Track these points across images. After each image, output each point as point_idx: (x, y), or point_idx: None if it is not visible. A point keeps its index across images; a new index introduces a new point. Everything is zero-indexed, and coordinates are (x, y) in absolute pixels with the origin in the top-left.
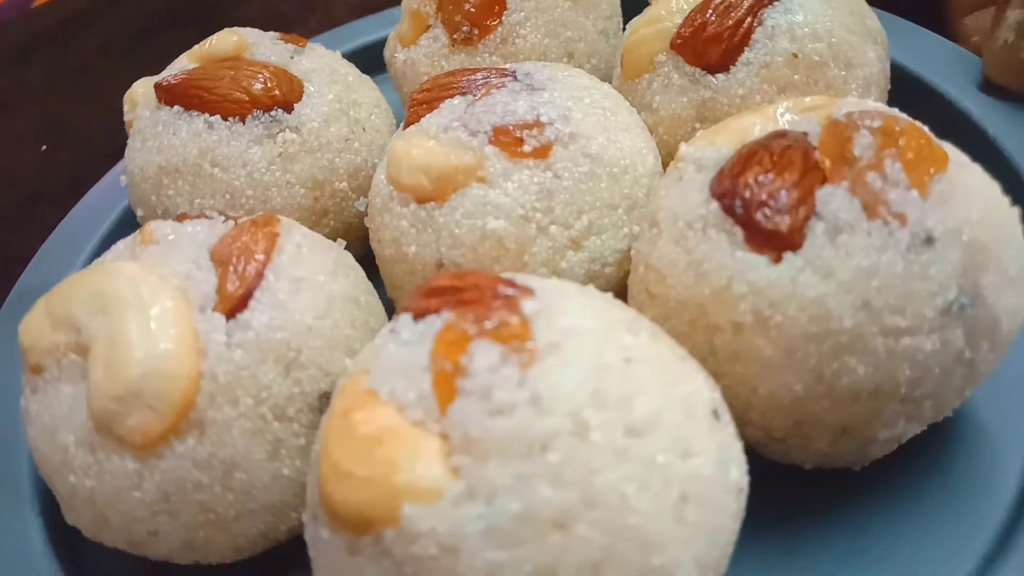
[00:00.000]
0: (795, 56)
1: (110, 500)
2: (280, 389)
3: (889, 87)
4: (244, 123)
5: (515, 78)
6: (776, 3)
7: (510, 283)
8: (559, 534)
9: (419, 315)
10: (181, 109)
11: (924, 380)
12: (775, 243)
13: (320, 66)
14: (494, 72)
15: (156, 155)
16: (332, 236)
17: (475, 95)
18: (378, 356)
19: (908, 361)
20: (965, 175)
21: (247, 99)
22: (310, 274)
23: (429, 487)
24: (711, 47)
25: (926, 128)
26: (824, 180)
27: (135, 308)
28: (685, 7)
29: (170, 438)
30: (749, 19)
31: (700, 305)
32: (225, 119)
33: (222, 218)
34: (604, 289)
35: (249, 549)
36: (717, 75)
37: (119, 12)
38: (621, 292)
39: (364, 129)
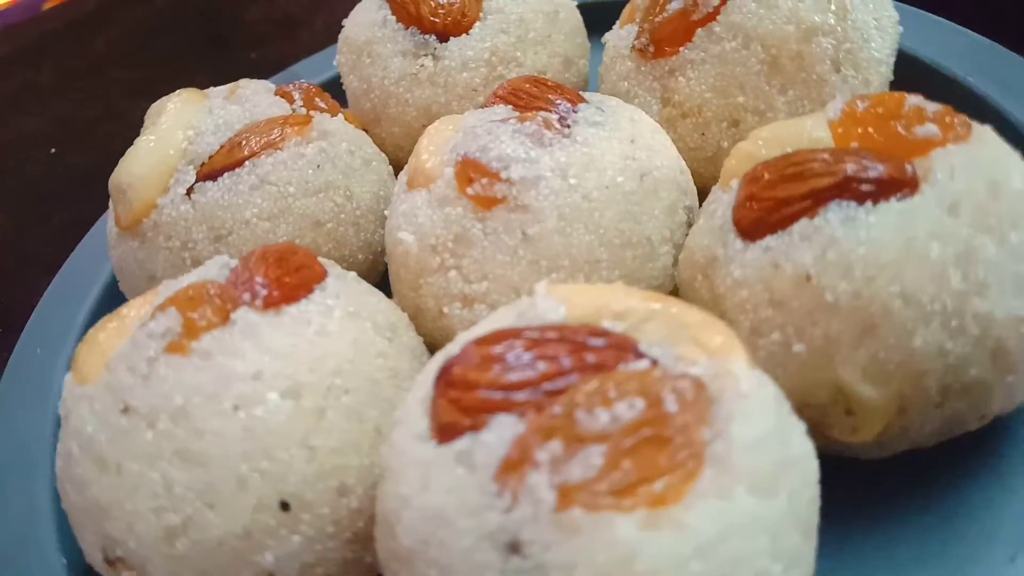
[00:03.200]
0: (807, 279)
1: (110, 245)
2: (203, 248)
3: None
4: (404, 32)
5: (562, 116)
6: (855, 203)
7: (285, 286)
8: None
9: (240, 262)
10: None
11: None
12: (438, 429)
13: (512, 10)
14: (565, 96)
15: (349, 28)
16: None
17: (517, 113)
18: (192, 273)
19: None
20: (640, 536)
21: (413, 14)
22: (281, 183)
23: (88, 372)
24: (746, 207)
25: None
26: (524, 411)
27: (155, 134)
28: (805, 142)
29: (127, 233)
30: (806, 203)
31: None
32: (397, 23)
33: (299, 103)
34: None
35: None
36: (737, 240)
37: (128, 14)
38: None
39: None
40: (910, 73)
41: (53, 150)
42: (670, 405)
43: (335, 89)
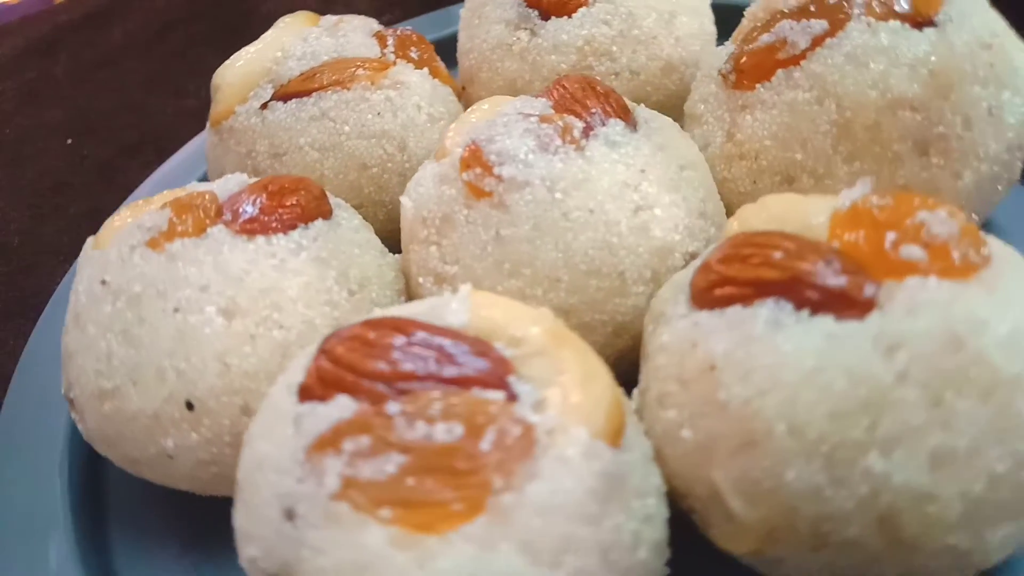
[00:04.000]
0: (712, 368)
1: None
2: (262, 160)
3: None
4: (513, 1)
5: (588, 126)
6: (792, 307)
7: (268, 216)
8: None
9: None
10: None
11: None
12: (300, 388)
13: (625, 3)
14: (605, 105)
15: None
16: None
17: (552, 109)
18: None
19: None
20: (384, 550)
21: None
22: (339, 120)
23: (103, 240)
24: (701, 272)
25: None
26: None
27: (255, 48)
28: (799, 224)
29: (212, 128)
30: (748, 290)
31: None
32: None
33: (391, 49)
34: None
35: None
36: (683, 304)
37: (143, 6)
38: None
39: None
40: None
41: (69, 141)
42: (485, 443)
43: None
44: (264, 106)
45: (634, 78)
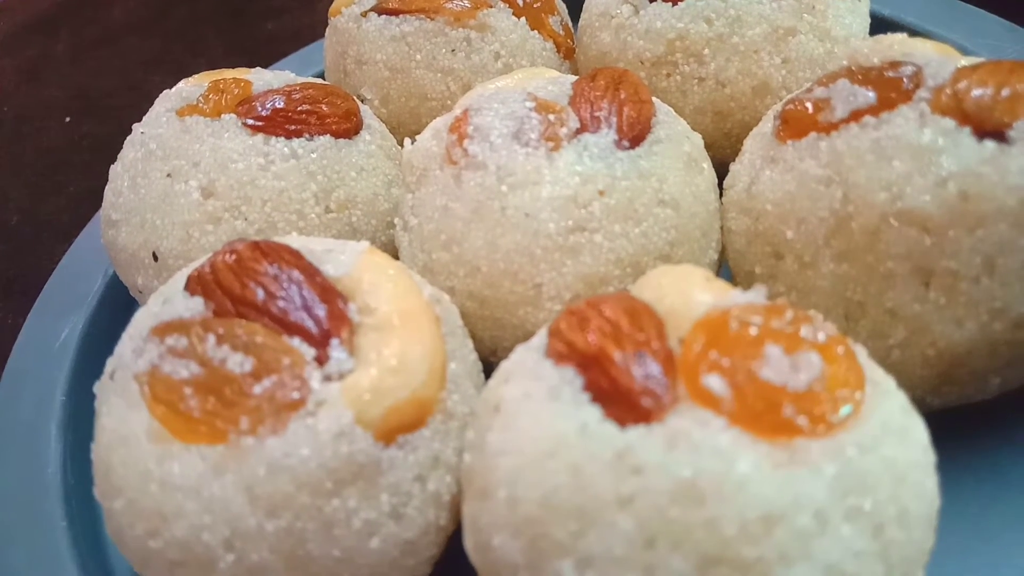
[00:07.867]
0: (496, 409)
1: None
2: (349, 63)
3: None
4: None
5: (579, 129)
6: (582, 383)
7: (278, 118)
8: None
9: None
10: None
11: None
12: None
13: (738, 7)
14: (614, 116)
15: None
16: None
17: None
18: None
19: None
20: (137, 432)
21: None
22: (414, 47)
23: (173, 92)
24: (558, 320)
25: None
26: (211, 308)
27: None
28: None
29: (330, 20)
30: (573, 356)
31: None
32: None
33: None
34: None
35: None
36: (536, 343)
37: None
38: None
39: None
40: None
41: (69, 119)
42: (259, 387)
43: None
44: (364, 14)
45: (719, 89)
